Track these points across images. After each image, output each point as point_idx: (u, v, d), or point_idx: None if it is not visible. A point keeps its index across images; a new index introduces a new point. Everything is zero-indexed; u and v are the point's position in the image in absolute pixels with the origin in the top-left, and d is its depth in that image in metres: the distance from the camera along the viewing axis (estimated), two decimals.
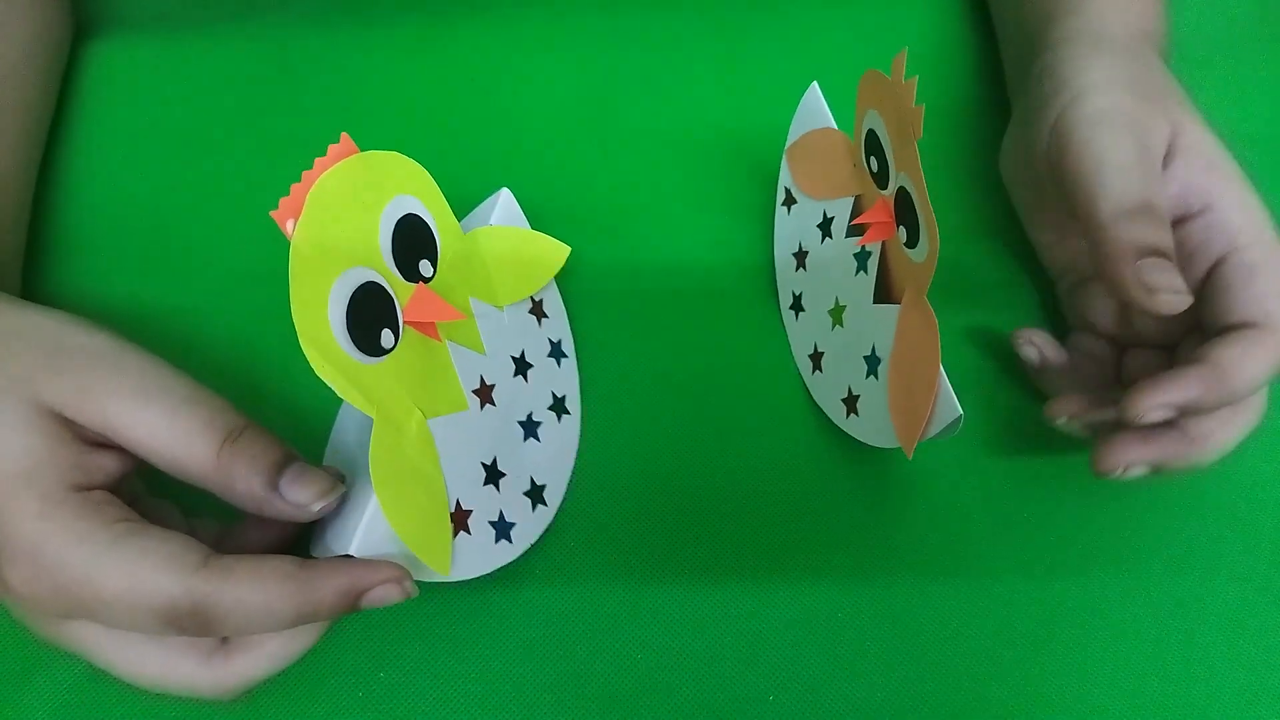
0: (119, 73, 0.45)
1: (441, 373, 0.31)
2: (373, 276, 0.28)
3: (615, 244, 0.41)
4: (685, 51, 0.46)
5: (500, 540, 0.32)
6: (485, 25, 0.46)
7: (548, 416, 0.35)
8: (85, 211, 0.41)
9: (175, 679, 0.28)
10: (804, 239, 0.38)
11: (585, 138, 0.43)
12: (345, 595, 0.26)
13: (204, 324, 0.38)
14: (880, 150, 0.32)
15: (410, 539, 0.27)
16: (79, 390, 0.27)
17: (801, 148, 0.38)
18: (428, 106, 0.44)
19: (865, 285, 0.34)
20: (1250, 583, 0.34)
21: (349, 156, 0.28)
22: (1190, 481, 0.36)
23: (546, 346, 0.36)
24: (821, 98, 0.36)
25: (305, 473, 0.27)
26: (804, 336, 0.38)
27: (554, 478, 0.35)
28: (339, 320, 0.27)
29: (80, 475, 0.27)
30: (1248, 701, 0.32)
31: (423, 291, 0.30)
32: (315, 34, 0.46)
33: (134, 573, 0.25)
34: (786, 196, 0.39)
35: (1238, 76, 0.45)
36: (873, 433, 0.33)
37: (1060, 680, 0.33)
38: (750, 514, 0.35)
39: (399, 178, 0.30)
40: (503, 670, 0.33)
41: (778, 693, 0.33)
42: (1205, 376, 0.29)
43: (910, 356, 0.31)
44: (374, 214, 0.29)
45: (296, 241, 0.26)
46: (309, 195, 0.26)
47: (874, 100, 0.31)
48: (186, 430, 0.26)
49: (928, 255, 0.29)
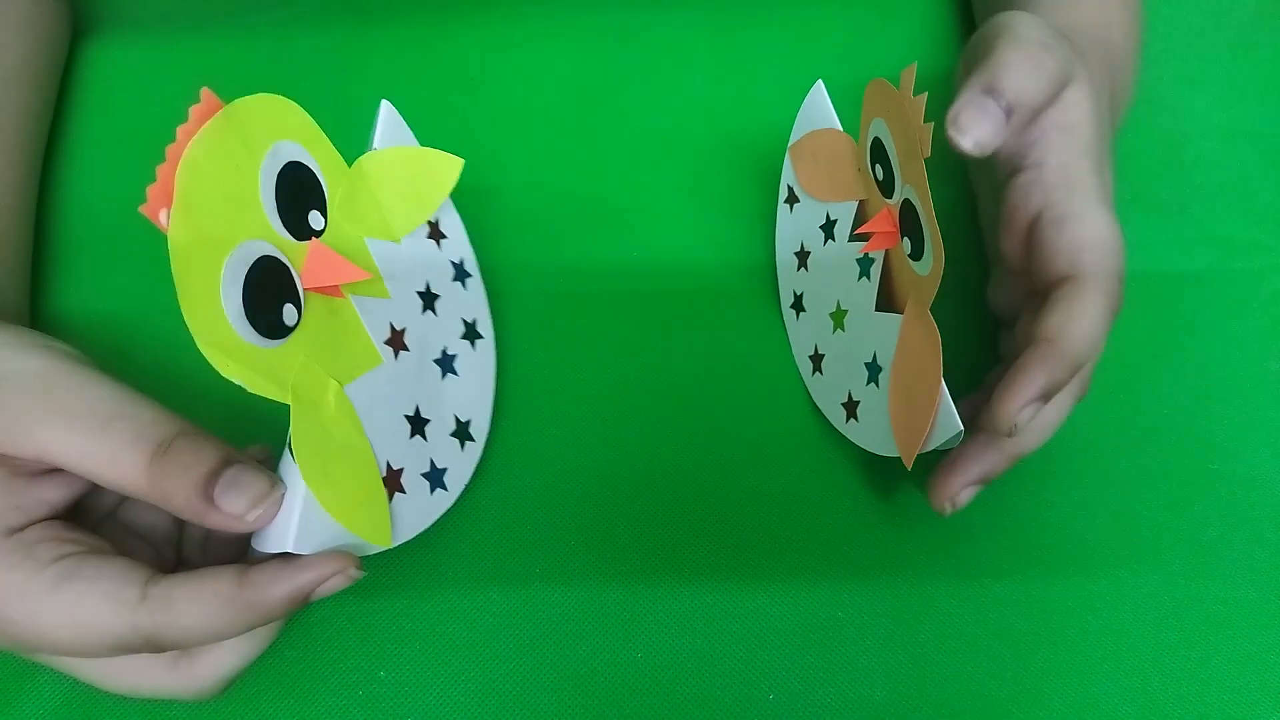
0: (119, 73, 0.45)
1: (350, 332, 0.29)
2: (264, 249, 0.26)
3: (614, 243, 0.41)
4: (685, 50, 0.46)
5: (436, 490, 0.31)
6: (484, 24, 0.46)
7: (462, 347, 0.33)
8: (83, 211, 0.41)
9: (148, 687, 0.28)
10: (806, 239, 0.38)
11: (584, 137, 0.43)
12: (291, 600, 0.26)
13: None
14: (886, 159, 0.31)
15: (348, 520, 0.26)
16: (6, 423, 0.26)
17: (805, 147, 0.37)
18: (427, 105, 0.44)
19: (868, 292, 0.34)
20: (1250, 583, 0.34)
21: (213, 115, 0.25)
22: (1190, 482, 0.36)
23: (450, 270, 0.34)
24: (826, 97, 0.36)
25: (240, 479, 0.25)
26: (805, 337, 0.38)
27: (477, 410, 0.33)
28: (236, 310, 0.25)
29: (17, 515, 0.26)
30: (1248, 701, 0.32)
31: (318, 250, 0.27)
32: (315, 33, 0.46)
33: (76, 619, 0.25)
34: (789, 194, 0.39)
35: (1238, 76, 0.45)
36: (872, 440, 0.33)
37: (1060, 680, 0.33)
38: (750, 514, 0.35)
39: (271, 123, 0.27)
40: (502, 670, 0.33)
41: (778, 693, 0.33)
42: (1044, 355, 0.28)
43: (911, 368, 0.31)
44: (252, 173, 0.26)
45: (173, 233, 0.23)
46: (178, 173, 0.23)
47: (880, 109, 0.31)
48: (113, 447, 0.25)
49: (932, 270, 0.29)
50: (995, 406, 0.28)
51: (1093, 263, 0.29)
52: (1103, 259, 0.30)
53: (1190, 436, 0.37)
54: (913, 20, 0.47)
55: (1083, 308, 0.29)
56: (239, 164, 0.26)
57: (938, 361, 0.29)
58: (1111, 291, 0.29)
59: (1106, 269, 0.30)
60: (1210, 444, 0.37)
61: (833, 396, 0.36)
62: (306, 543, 0.26)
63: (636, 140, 0.43)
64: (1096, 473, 0.36)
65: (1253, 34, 0.46)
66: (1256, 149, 0.43)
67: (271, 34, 0.46)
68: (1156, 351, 0.38)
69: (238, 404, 0.28)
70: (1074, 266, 0.29)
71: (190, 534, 0.30)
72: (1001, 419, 0.28)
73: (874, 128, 0.32)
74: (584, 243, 0.40)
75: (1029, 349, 0.29)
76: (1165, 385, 0.38)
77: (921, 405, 0.29)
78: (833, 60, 0.45)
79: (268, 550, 0.26)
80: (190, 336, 0.38)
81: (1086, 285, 0.29)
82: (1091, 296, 0.29)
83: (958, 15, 0.47)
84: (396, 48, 0.45)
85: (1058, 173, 0.31)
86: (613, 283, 0.40)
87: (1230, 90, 0.44)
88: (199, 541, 0.30)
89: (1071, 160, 0.31)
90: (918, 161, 0.28)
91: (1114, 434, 0.37)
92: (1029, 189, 0.31)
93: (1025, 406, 0.28)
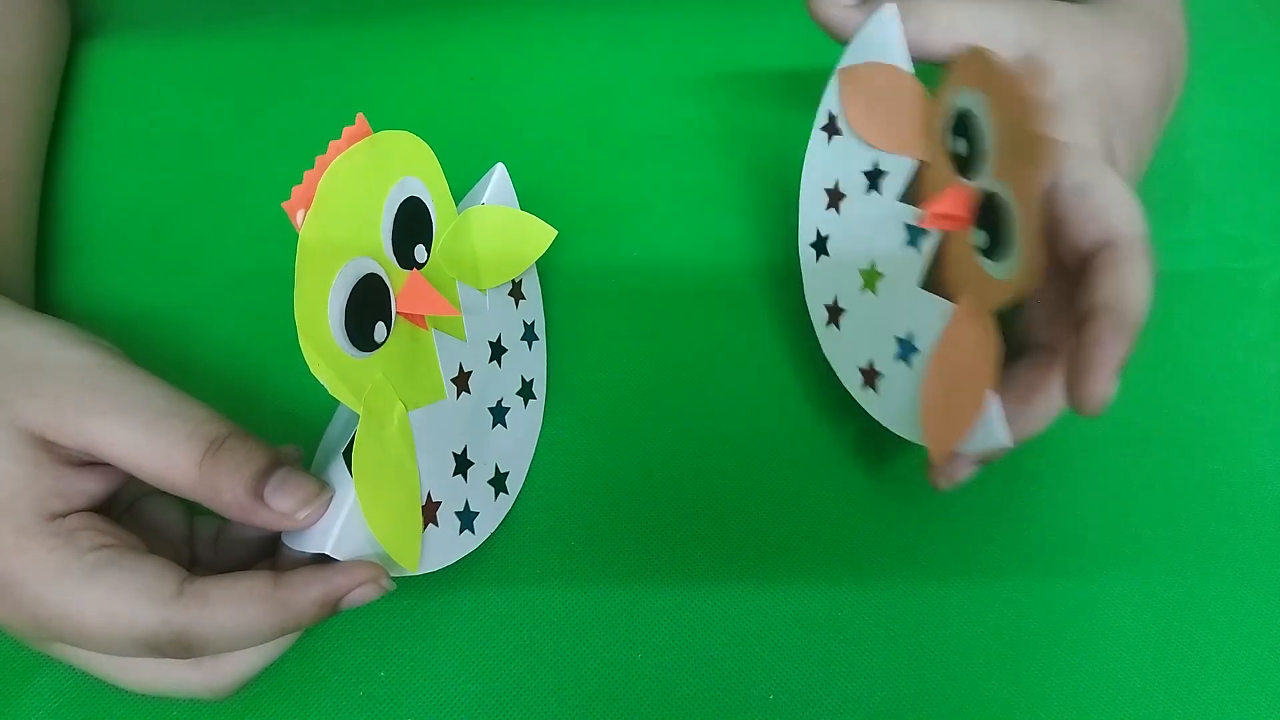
0: (119, 73, 0.45)
1: (425, 362, 0.30)
2: (373, 268, 0.28)
3: (614, 243, 0.41)
4: (685, 50, 0.46)
5: (464, 531, 0.31)
6: (485, 24, 0.46)
7: (516, 402, 0.35)
8: (84, 211, 0.41)
9: (168, 685, 0.28)
10: (844, 180, 0.35)
11: (584, 137, 0.43)
12: (323, 605, 0.26)
13: (203, 324, 0.38)
14: (975, 137, 0.29)
15: (384, 537, 0.27)
16: (57, 411, 0.26)
17: (862, 76, 0.33)
18: (427, 105, 0.44)
19: (914, 263, 0.32)
20: (1250, 583, 0.34)
21: (362, 139, 0.27)
22: (1191, 482, 0.36)
23: (520, 329, 0.36)
24: (899, 29, 0.32)
25: (290, 480, 0.26)
26: (823, 283, 0.35)
27: (516, 464, 0.35)
28: (338, 316, 0.26)
29: (59, 502, 0.26)
30: (1247, 701, 0.32)
31: (416, 280, 0.29)
32: (315, 33, 0.46)
33: (109, 607, 0.25)
34: (830, 122, 0.35)
35: (1238, 76, 0.45)
36: (889, 415, 0.32)
37: (1060, 680, 0.33)
38: (750, 514, 0.35)
39: (405, 159, 0.30)
40: (502, 670, 0.33)
41: (778, 693, 0.33)
42: (1114, 324, 0.27)
43: (958, 366, 0.29)
44: (380, 198, 0.28)
45: (305, 234, 0.25)
46: (320, 183, 0.26)
47: (981, 83, 0.29)
48: (166, 444, 0.26)
49: (1015, 279, 0.27)
50: (1086, 388, 0.27)
51: (1127, 224, 0.29)
52: (1135, 219, 0.29)
53: (1190, 436, 0.37)
54: None
55: (1131, 270, 0.28)
56: (372, 187, 0.28)
57: (991, 367, 0.27)
58: (1150, 252, 0.28)
59: (1140, 229, 0.29)
60: (1210, 444, 0.37)
61: (849, 357, 0.34)
62: (343, 548, 0.27)
63: (636, 140, 0.43)
64: (1096, 473, 0.36)
65: (1253, 34, 0.46)
66: (1256, 149, 0.43)
67: (271, 34, 0.46)
68: (1156, 351, 0.38)
69: (236, 403, 0.28)
70: (1108, 231, 0.28)
71: (201, 534, 0.30)
72: (1096, 396, 0.27)
73: (965, 98, 0.29)
74: (584, 243, 0.40)
75: (1092, 322, 0.27)
76: (1165, 385, 0.38)
77: (964, 406, 0.28)
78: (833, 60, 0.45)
79: (306, 549, 0.27)
80: (189, 336, 0.39)
81: (1129, 246, 0.28)
82: (1137, 257, 0.28)
83: None
84: (396, 48, 0.46)
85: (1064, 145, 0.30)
86: (612, 283, 0.40)
87: (1230, 90, 0.44)
88: (210, 541, 0.30)
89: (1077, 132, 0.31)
90: (1024, 164, 0.26)
91: (1114, 434, 0.37)
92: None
93: (1113, 378, 0.27)
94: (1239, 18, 0.47)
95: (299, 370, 0.26)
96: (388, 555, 0.28)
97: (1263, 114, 0.44)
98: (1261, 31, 0.46)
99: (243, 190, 0.41)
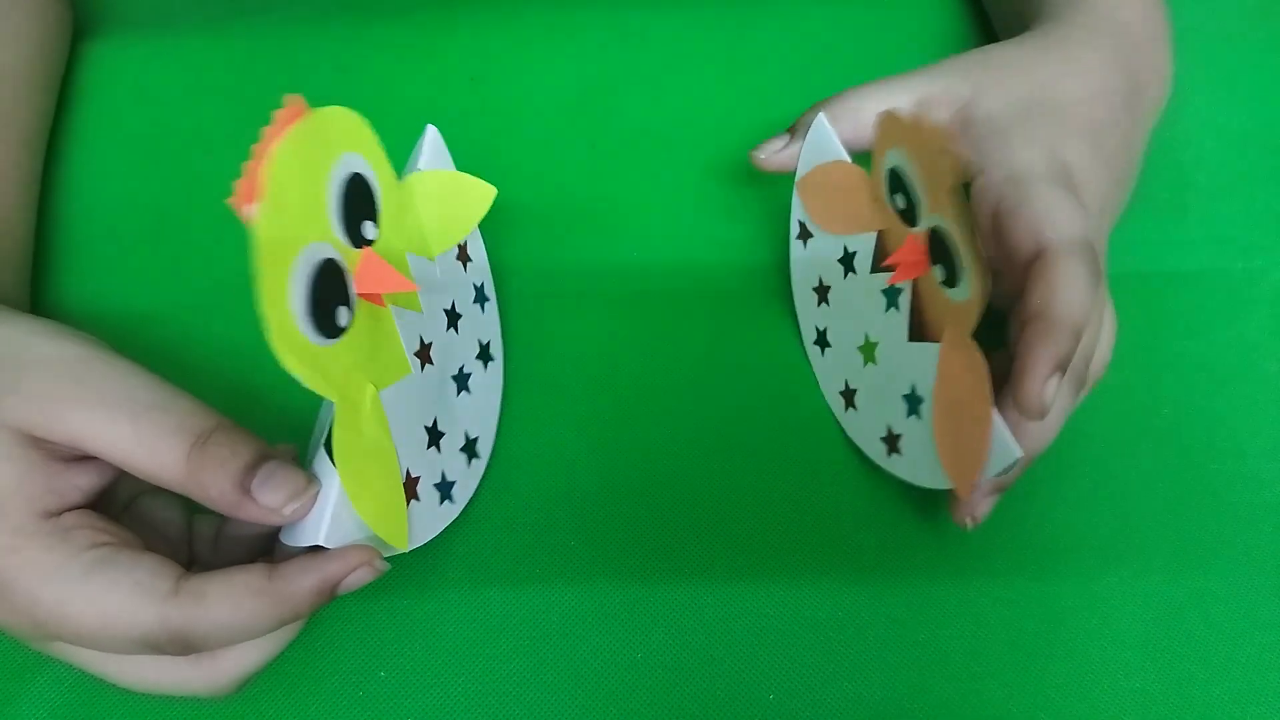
0: (119, 73, 0.45)
1: (387, 340, 0.30)
2: (329, 252, 0.27)
3: (614, 243, 0.41)
4: (685, 50, 0.46)
5: (444, 501, 0.32)
6: (485, 23, 0.46)
7: (476, 366, 0.35)
8: (82, 211, 0.41)
9: (169, 683, 0.28)
10: (825, 273, 0.37)
11: (584, 137, 0.43)
12: (319, 594, 0.26)
13: (202, 324, 0.38)
14: (906, 188, 0.31)
15: (374, 520, 0.27)
16: (43, 407, 0.26)
17: (814, 181, 0.36)
18: (427, 105, 0.44)
19: (898, 322, 0.33)
20: (1250, 583, 0.34)
21: (297, 119, 0.26)
22: (1191, 482, 0.36)
23: (471, 292, 0.36)
24: (830, 130, 0.35)
25: (276, 473, 0.26)
26: (833, 373, 0.37)
27: (484, 429, 0.35)
28: (301, 306, 0.25)
29: (52, 500, 0.26)
30: (1247, 701, 0.32)
31: (370, 259, 0.29)
32: (315, 33, 0.46)
33: (106, 606, 0.25)
34: (801, 230, 0.38)
35: (1237, 76, 0.45)
36: (918, 473, 0.33)
37: (1060, 680, 0.33)
38: (749, 514, 0.35)
39: (343, 135, 0.29)
40: (502, 670, 0.33)
41: (778, 692, 0.33)
42: (1041, 331, 0.28)
43: (956, 398, 0.30)
44: (323, 179, 0.27)
45: (259, 227, 0.24)
46: (264, 172, 0.25)
47: (896, 139, 0.31)
48: (153, 437, 0.26)
49: (972, 296, 0.28)
50: (1020, 393, 0.28)
51: (1054, 231, 0.29)
52: (1064, 226, 0.29)
53: (1190, 436, 0.37)
54: (914, 19, 0.47)
55: (1059, 274, 0.29)
56: (315, 168, 0.27)
57: (985, 387, 0.28)
58: (1086, 254, 0.29)
59: (1071, 234, 0.29)
60: (1210, 444, 0.37)
61: (871, 432, 0.35)
62: (335, 538, 0.27)
63: (637, 140, 0.43)
64: (1096, 473, 0.36)
65: (1253, 34, 0.46)
66: (1256, 149, 0.43)
67: (271, 34, 0.46)
68: (1156, 351, 0.38)
69: (234, 403, 0.28)
70: (1037, 242, 0.29)
71: (200, 533, 0.30)
72: (1030, 401, 0.28)
73: (890, 158, 0.32)
74: (584, 243, 0.40)
75: (1025, 331, 0.29)
76: (1165, 385, 0.38)
77: (972, 434, 0.29)
78: (833, 60, 0.45)
79: (298, 543, 0.27)
80: (188, 336, 0.38)
81: (1056, 252, 0.29)
82: (1064, 261, 0.29)
83: (959, 14, 0.47)
84: (396, 48, 0.46)
85: (998, 169, 0.32)
86: (612, 283, 0.40)
87: (1230, 90, 0.44)
88: (209, 540, 0.30)
89: (1009, 156, 0.32)
90: (946, 189, 0.28)
91: (1114, 434, 0.37)
92: (980, 196, 0.32)
93: (1046, 382, 0.28)
94: (1239, 18, 0.47)
95: None
96: (378, 537, 0.28)
97: (1263, 114, 0.44)
98: (1261, 31, 0.46)
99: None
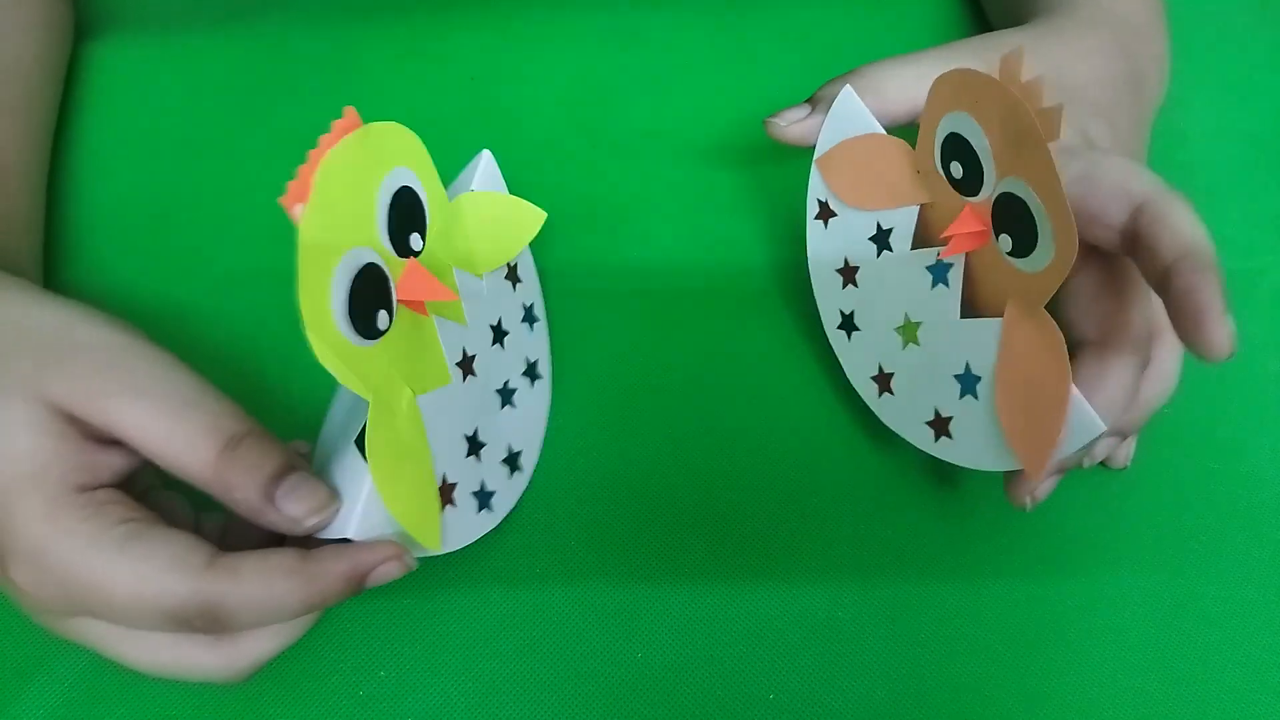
0: (119, 73, 0.45)
1: (428, 348, 0.31)
2: (371, 257, 0.28)
3: (614, 243, 0.41)
4: (685, 50, 0.46)
5: (482, 510, 0.32)
6: (485, 24, 0.46)
7: (522, 383, 0.36)
8: (83, 211, 0.41)
9: (186, 666, 0.28)
10: (852, 253, 0.35)
11: (584, 137, 0.43)
12: (350, 581, 0.27)
13: (204, 323, 0.38)
14: (967, 155, 0.30)
15: (405, 519, 0.28)
16: (84, 388, 0.26)
17: (840, 156, 0.35)
18: (427, 105, 0.44)
19: (947, 299, 0.32)
20: (1250, 583, 0.34)
21: (352, 132, 0.27)
22: (1192, 482, 0.36)
23: (520, 312, 0.37)
24: (859, 102, 0.34)
25: (301, 485, 0.27)
26: (863, 358, 0.35)
27: (528, 443, 0.36)
28: (340, 305, 0.27)
29: (86, 475, 0.26)
30: (1247, 701, 0.32)
31: (414, 268, 0.30)
32: (315, 33, 0.46)
33: (140, 576, 0.25)
34: (821, 209, 0.36)
35: (1237, 76, 0.45)
36: (975, 456, 0.31)
37: (1060, 680, 0.33)
38: (750, 514, 0.35)
39: (396, 149, 0.30)
40: (502, 670, 0.33)
41: (778, 692, 0.33)
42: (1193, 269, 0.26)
43: (1027, 373, 0.29)
44: (373, 189, 0.29)
45: (304, 228, 0.25)
46: (315, 177, 0.26)
47: (961, 101, 0.29)
48: (187, 433, 0.26)
49: (1053, 263, 0.27)
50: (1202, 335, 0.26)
51: (1142, 185, 0.28)
52: (1148, 178, 0.28)
53: (1190, 436, 0.37)
54: (914, 19, 0.47)
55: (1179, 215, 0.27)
56: (366, 178, 0.28)
57: (1062, 360, 0.27)
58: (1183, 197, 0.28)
59: (1158, 183, 0.28)
60: (1210, 444, 0.37)
61: (913, 416, 0.33)
62: (365, 532, 0.27)
63: (637, 140, 0.43)
64: (1097, 473, 0.36)
65: (1253, 34, 0.46)
66: (1256, 149, 0.43)
67: (271, 34, 0.46)
68: None
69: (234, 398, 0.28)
70: (1134, 196, 0.28)
71: (206, 532, 0.30)
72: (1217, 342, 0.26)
73: (949, 122, 0.30)
74: (584, 243, 0.40)
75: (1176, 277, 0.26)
76: None
77: (1047, 410, 0.27)
78: (833, 60, 0.45)
79: (328, 536, 0.27)
80: (190, 335, 0.38)
81: (1163, 198, 0.27)
82: (1175, 203, 0.27)
83: (959, 13, 0.47)
84: (396, 48, 0.46)
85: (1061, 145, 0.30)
86: (611, 283, 0.40)
87: (1230, 90, 0.44)
88: (215, 539, 0.30)
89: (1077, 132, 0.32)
90: (1030, 148, 0.26)
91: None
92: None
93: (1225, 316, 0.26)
94: (1239, 18, 0.47)
95: (299, 368, 0.26)
96: (409, 536, 0.28)
97: (1262, 114, 0.44)
98: (1261, 31, 0.46)
99: (243, 190, 0.42)
